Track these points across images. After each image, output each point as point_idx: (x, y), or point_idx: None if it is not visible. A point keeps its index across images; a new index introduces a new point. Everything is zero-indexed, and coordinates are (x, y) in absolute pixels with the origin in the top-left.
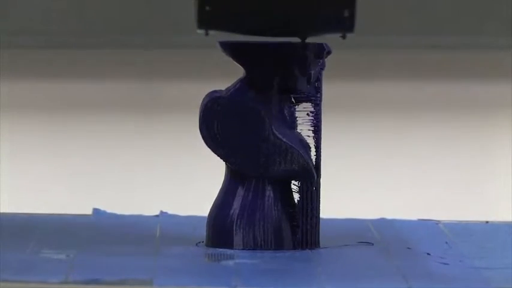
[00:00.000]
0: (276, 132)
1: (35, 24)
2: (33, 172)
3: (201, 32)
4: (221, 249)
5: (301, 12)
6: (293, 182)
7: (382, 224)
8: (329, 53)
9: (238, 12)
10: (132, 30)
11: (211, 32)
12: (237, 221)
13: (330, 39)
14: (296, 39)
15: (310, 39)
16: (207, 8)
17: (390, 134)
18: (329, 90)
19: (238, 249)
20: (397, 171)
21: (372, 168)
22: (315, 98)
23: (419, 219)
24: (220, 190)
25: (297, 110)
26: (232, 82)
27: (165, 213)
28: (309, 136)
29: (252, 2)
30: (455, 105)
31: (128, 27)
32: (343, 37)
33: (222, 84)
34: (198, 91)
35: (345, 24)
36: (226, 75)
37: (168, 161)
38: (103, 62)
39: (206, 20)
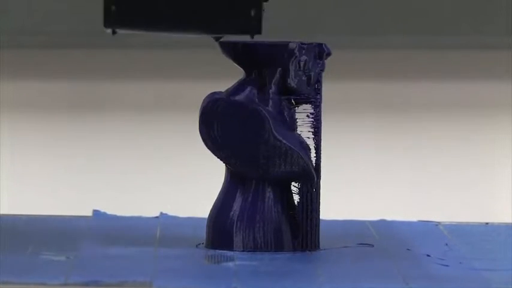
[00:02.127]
0: (276, 134)
1: (35, 24)
2: (32, 173)
3: (108, 31)
4: (221, 251)
5: (208, 11)
6: (293, 183)
7: (382, 225)
8: (329, 54)
9: (144, 11)
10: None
11: (120, 31)
12: (237, 222)
13: (329, 39)
14: (296, 40)
15: (224, 39)
16: (113, 7)
17: (390, 135)
18: (329, 90)
19: (238, 251)
20: (397, 172)
21: (372, 170)
22: (314, 99)
23: (419, 221)
24: (220, 192)
25: (297, 111)
26: (232, 82)
27: (165, 214)
28: (308, 138)
29: (158, 0)
30: (456, 105)
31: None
32: (251, 37)
33: (222, 84)
34: (198, 91)
35: (251, 25)
36: (226, 75)
37: (168, 163)
38: (103, 62)
39: (112, 19)
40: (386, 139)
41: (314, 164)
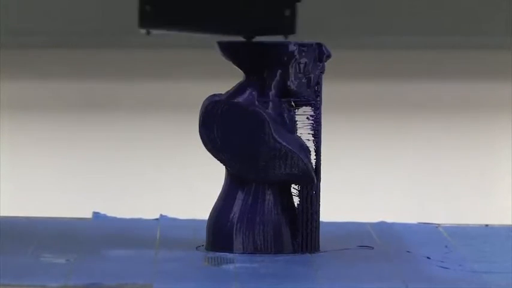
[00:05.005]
0: (276, 136)
1: (35, 24)
2: (32, 175)
3: (143, 31)
4: (221, 253)
5: (242, 11)
6: (293, 185)
7: (382, 227)
8: (329, 56)
9: (179, 11)
10: (132, 30)
11: (153, 32)
12: (237, 224)
13: (329, 40)
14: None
15: (257, 39)
16: (148, 7)
17: (390, 136)
18: (329, 91)
19: (238, 253)
20: (397, 174)
21: (372, 172)
22: (314, 101)
23: (419, 223)
24: (220, 194)
25: (296, 113)
26: (233, 83)
27: (165, 216)
28: (308, 140)
29: (192, 1)
30: (456, 105)
31: (128, 27)
32: (285, 37)
33: (222, 84)
34: (199, 92)
35: (285, 25)
36: (226, 75)
37: (168, 165)
38: (103, 62)
39: (147, 20)
40: (386, 141)
41: (314, 166)
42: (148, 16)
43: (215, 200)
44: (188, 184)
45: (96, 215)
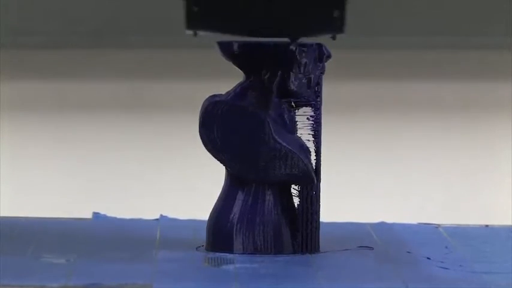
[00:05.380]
0: (276, 137)
1: (35, 24)
2: (32, 176)
3: (189, 32)
4: (221, 254)
5: (290, 13)
6: (293, 186)
7: (382, 227)
8: (329, 57)
9: (226, 13)
10: (131, 30)
11: (200, 33)
12: (237, 225)
13: (328, 40)
14: (298, 42)
15: (301, 40)
16: (195, 8)
17: (390, 137)
18: (329, 91)
19: (238, 254)
20: (397, 174)
21: (372, 172)
22: (315, 102)
23: (419, 223)
24: (220, 194)
25: (297, 114)
26: (232, 82)
27: (165, 217)
28: (308, 140)
29: (241, 2)
30: (456, 105)
31: (127, 27)
32: (333, 38)
33: (222, 84)
34: (198, 91)
35: (334, 25)
36: (226, 75)
37: (168, 165)
38: (103, 62)
39: (194, 21)
40: (386, 141)
41: (314, 167)
42: (196, 17)
43: (215, 200)
44: (188, 184)
45: (96, 215)
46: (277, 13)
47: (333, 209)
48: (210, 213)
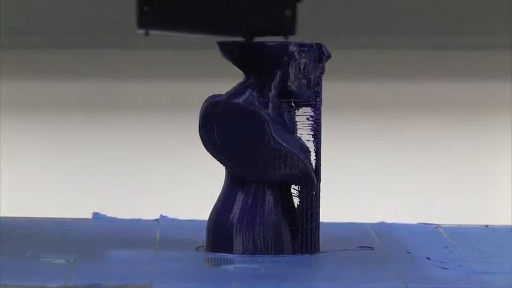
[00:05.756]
0: (276, 137)
1: (35, 24)
2: (32, 176)
3: (141, 32)
4: (221, 254)
5: (242, 12)
6: (293, 186)
7: (381, 228)
8: (329, 57)
9: (178, 12)
10: (132, 30)
11: (152, 32)
12: (237, 225)
13: (328, 40)
14: (296, 42)
15: (257, 39)
16: (146, 8)
17: (390, 137)
18: (329, 91)
19: (238, 254)
20: (397, 175)
21: (372, 172)
22: (314, 102)
23: (419, 223)
24: (220, 194)
25: (296, 114)
26: (232, 83)
27: (165, 217)
28: (308, 140)
29: (192, 1)
30: (455, 105)
31: (128, 27)
32: (285, 38)
33: (222, 84)
34: (198, 91)
35: (285, 25)
36: (226, 75)
37: (168, 165)
38: (103, 62)
39: (145, 20)
40: (386, 141)
41: (314, 167)
42: (147, 16)
43: (215, 200)
44: (188, 184)
45: (96, 215)
46: (230, 12)
47: (333, 209)
48: (210, 214)
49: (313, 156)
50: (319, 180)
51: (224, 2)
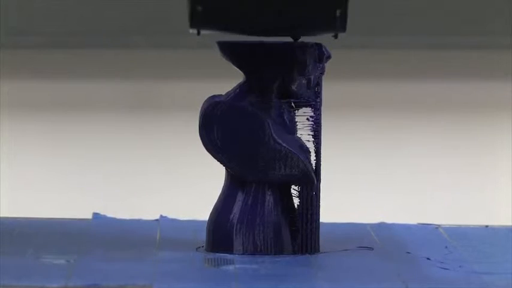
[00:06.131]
0: (276, 137)
1: (35, 24)
2: (32, 176)
3: (193, 31)
4: (221, 254)
5: (293, 12)
6: (293, 186)
7: (381, 228)
8: (329, 57)
9: (230, 12)
10: (132, 30)
11: (204, 32)
12: (237, 225)
13: (328, 40)
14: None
15: (303, 39)
16: (199, 7)
17: (390, 137)
18: (329, 92)
19: (238, 254)
20: (397, 175)
21: (372, 172)
22: (314, 102)
23: (419, 224)
24: (220, 195)
25: (296, 114)
26: (232, 83)
27: (165, 217)
28: (308, 141)
29: (244, 1)
30: (455, 105)
31: (128, 27)
32: (335, 37)
33: (222, 84)
34: (198, 92)
35: (336, 24)
36: (226, 76)
37: (168, 165)
38: (103, 62)
39: (198, 20)
40: (386, 141)
41: (314, 167)
42: (199, 16)
43: (215, 200)
44: (188, 185)
45: (96, 215)
46: (279, 11)
47: (332, 209)
48: (210, 214)
49: (313, 157)
50: (319, 180)
51: (274, 3)
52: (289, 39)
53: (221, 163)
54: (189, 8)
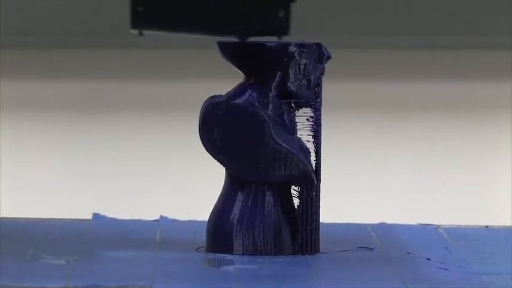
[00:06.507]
0: (276, 138)
1: (35, 24)
2: (32, 176)
3: (135, 32)
4: (221, 254)
5: (236, 11)
6: (293, 187)
7: (382, 228)
8: (329, 57)
9: (172, 12)
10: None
11: (146, 32)
12: (237, 226)
13: (328, 40)
14: (296, 42)
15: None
16: (140, 8)
17: (390, 137)
18: (329, 92)
19: (238, 255)
20: (397, 175)
21: (372, 173)
22: (314, 103)
23: (419, 224)
24: (220, 195)
25: (296, 115)
26: (232, 83)
27: (165, 217)
28: (308, 141)
29: (186, 1)
30: (456, 105)
31: (128, 27)
32: (279, 38)
33: (222, 85)
34: (198, 92)
35: (279, 25)
36: (226, 76)
37: (168, 166)
38: (103, 62)
39: (139, 20)
40: (386, 141)
41: (314, 168)
42: (141, 17)
43: (215, 201)
44: (188, 185)
45: (96, 216)
46: (223, 12)
47: (333, 210)
48: (210, 214)
49: (313, 157)
50: (319, 180)
51: (218, 2)
52: (288, 39)
53: (221, 163)
54: (130, 8)
